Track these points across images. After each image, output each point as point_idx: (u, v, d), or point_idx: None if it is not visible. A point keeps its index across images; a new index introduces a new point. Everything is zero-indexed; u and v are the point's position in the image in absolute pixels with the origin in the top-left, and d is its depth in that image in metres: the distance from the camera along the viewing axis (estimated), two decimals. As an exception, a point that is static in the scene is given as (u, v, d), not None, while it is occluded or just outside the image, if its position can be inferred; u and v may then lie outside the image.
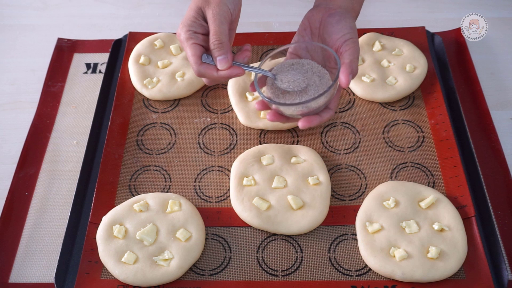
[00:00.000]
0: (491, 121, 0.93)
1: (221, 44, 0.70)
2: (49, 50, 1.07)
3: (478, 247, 0.77)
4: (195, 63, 0.71)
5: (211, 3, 0.71)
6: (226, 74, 0.72)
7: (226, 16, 0.71)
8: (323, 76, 0.77)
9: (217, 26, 0.70)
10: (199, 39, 0.72)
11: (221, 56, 0.70)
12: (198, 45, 0.71)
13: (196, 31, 0.72)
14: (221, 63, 0.71)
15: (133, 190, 0.86)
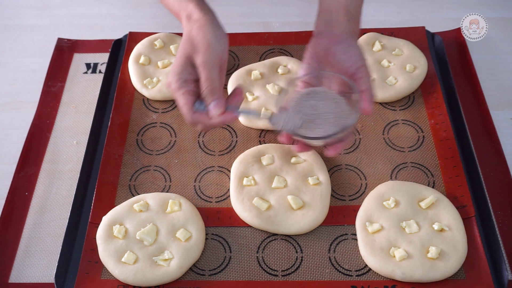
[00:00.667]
0: (491, 121, 0.93)
1: (213, 90, 0.70)
2: (49, 50, 1.07)
3: (478, 247, 0.77)
4: (188, 111, 0.71)
5: (199, 50, 0.71)
6: (219, 120, 0.72)
7: (215, 61, 0.71)
8: (339, 102, 0.77)
9: (207, 73, 0.70)
10: (190, 87, 0.71)
11: (214, 102, 0.70)
12: (189, 94, 0.71)
13: (186, 79, 0.71)
14: (214, 109, 0.70)
15: (133, 190, 0.86)
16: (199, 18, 0.74)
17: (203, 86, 0.70)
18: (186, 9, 0.76)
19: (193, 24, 0.74)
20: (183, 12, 0.76)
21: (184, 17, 0.76)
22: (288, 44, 1.05)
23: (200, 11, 0.74)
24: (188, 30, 0.74)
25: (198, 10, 0.75)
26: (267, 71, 0.98)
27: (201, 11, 0.74)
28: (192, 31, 0.73)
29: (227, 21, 1.13)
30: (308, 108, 0.77)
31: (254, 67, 0.99)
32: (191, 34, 0.73)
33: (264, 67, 0.99)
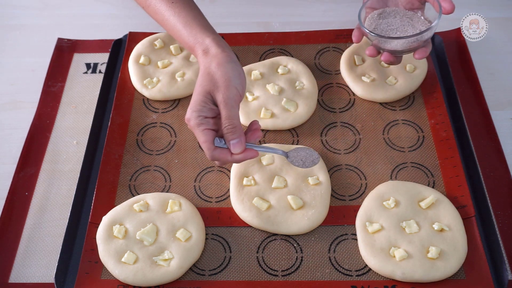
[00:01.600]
0: (491, 121, 0.93)
1: (234, 128, 0.70)
2: (49, 50, 1.07)
3: (478, 247, 0.77)
4: (209, 149, 0.71)
5: (220, 87, 0.71)
6: (240, 158, 0.72)
7: (236, 99, 0.71)
8: (412, 16, 0.84)
9: (229, 111, 0.70)
10: (210, 124, 0.71)
11: (235, 140, 0.70)
12: (210, 130, 0.71)
13: (206, 115, 0.71)
14: (235, 147, 0.70)
15: (133, 190, 0.86)
16: (217, 54, 0.74)
17: (224, 123, 0.70)
18: (203, 44, 0.76)
19: (211, 60, 0.73)
20: (199, 46, 0.76)
21: (200, 51, 0.76)
22: (288, 44, 1.05)
23: (218, 47, 0.74)
24: (207, 66, 0.73)
25: (215, 45, 0.75)
26: (267, 71, 0.98)
27: (219, 46, 0.74)
28: (211, 66, 0.73)
29: (227, 21, 1.13)
30: (384, 25, 0.84)
31: (254, 67, 0.99)
32: (210, 70, 0.72)
33: (264, 67, 0.99)
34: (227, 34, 1.06)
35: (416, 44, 0.82)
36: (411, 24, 0.84)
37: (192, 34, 0.77)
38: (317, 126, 0.93)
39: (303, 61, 1.01)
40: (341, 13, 0.93)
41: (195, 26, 0.78)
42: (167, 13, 0.80)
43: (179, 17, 0.79)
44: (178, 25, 0.79)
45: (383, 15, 0.86)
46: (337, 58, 1.02)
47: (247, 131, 0.74)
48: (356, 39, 0.86)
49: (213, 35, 0.77)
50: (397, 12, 0.86)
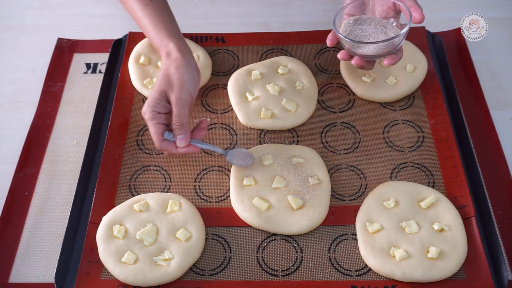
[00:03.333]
0: (491, 121, 0.93)
1: (182, 125, 0.79)
2: (49, 50, 1.07)
3: (478, 247, 0.77)
4: (157, 140, 0.80)
5: (174, 88, 0.80)
6: (184, 151, 0.81)
7: (187, 100, 0.80)
8: (386, 24, 0.87)
9: (179, 110, 0.79)
10: (161, 119, 0.81)
11: (181, 136, 0.80)
12: (160, 124, 0.80)
13: (159, 111, 0.80)
14: (181, 141, 0.80)
15: (133, 190, 0.86)
16: (178, 58, 0.83)
17: (174, 120, 0.80)
18: (167, 47, 0.85)
19: (171, 63, 0.83)
20: (164, 49, 0.85)
21: (163, 54, 0.85)
22: (288, 44, 1.05)
23: (179, 52, 0.84)
24: (167, 67, 0.83)
25: (177, 50, 0.84)
26: (267, 71, 0.98)
27: (180, 51, 0.84)
28: (170, 69, 0.82)
29: (227, 21, 1.14)
30: (358, 31, 0.87)
31: (254, 67, 0.99)
32: (168, 72, 0.82)
33: (264, 67, 0.99)
34: (227, 34, 1.06)
35: (387, 50, 0.85)
36: (384, 32, 0.87)
37: (159, 37, 0.86)
38: (317, 126, 0.93)
39: (303, 61, 1.01)
40: (341, 13, 0.94)
41: (163, 29, 0.87)
42: (140, 13, 0.89)
43: (150, 19, 0.88)
44: (148, 26, 0.88)
45: (358, 22, 0.89)
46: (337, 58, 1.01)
47: (195, 129, 0.84)
48: (330, 43, 0.90)
49: (177, 40, 0.85)
50: (372, 19, 0.89)
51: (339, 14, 0.89)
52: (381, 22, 0.88)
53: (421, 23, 0.85)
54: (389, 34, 0.86)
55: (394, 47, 0.85)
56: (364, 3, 0.91)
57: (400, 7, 0.87)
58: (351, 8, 0.90)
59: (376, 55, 0.86)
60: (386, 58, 0.86)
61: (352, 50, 0.87)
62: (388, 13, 0.89)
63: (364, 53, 0.86)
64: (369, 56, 0.86)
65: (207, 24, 1.13)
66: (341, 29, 0.88)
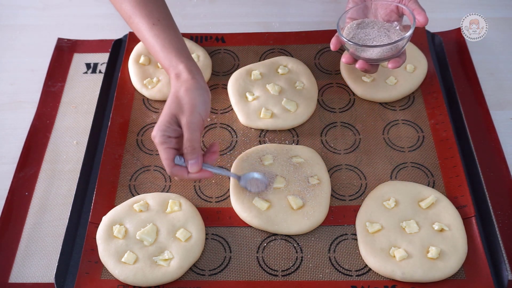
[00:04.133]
0: (491, 121, 0.93)
1: (194, 149, 0.76)
2: (49, 50, 1.07)
3: (478, 247, 0.77)
4: (168, 165, 0.77)
5: (185, 112, 0.77)
6: (196, 176, 0.78)
7: (198, 124, 0.77)
8: (389, 28, 0.87)
9: (190, 134, 0.76)
10: (172, 143, 0.77)
11: (193, 160, 0.76)
12: (171, 149, 0.77)
13: (170, 135, 0.77)
14: (192, 166, 0.76)
15: (133, 190, 0.86)
16: (188, 80, 0.79)
17: (185, 144, 0.76)
18: (176, 68, 0.81)
19: (181, 84, 0.79)
20: (173, 70, 0.81)
21: (173, 75, 0.81)
22: (288, 44, 1.05)
23: (189, 73, 0.80)
24: (177, 90, 0.79)
25: (187, 71, 0.80)
26: (267, 71, 0.98)
27: (190, 73, 0.80)
28: (180, 91, 0.78)
29: (227, 21, 1.13)
30: (361, 35, 0.87)
31: (254, 67, 0.99)
32: (178, 94, 0.78)
33: (264, 67, 0.99)
34: (227, 34, 1.06)
35: (391, 53, 0.85)
36: (388, 35, 0.86)
37: (168, 58, 0.82)
38: (317, 126, 0.93)
39: (303, 61, 1.01)
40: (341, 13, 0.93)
41: (172, 50, 0.83)
42: (148, 33, 0.84)
43: (158, 39, 0.84)
44: (156, 46, 0.84)
45: (361, 25, 0.88)
46: (337, 58, 1.02)
47: (206, 153, 0.80)
48: (334, 47, 0.90)
49: (187, 61, 0.82)
50: (375, 23, 0.88)
51: (342, 18, 0.89)
52: (384, 26, 0.88)
53: (425, 26, 0.85)
54: (393, 37, 0.86)
55: (398, 50, 0.85)
56: (366, 7, 0.90)
57: (403, 10, 0.87)
58: (354, 12, 0.90)
59: (380, 59, 0.86)
60: (390, 61, 0.86)
61: (356, 54, 0.87)
62: (391, 16, 0.89)
63: (368, 56, 0.86)
64: (373, 59, 0.86)
65: (207, 24, 1.13)
66: (345, 33, 0.88)
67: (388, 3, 0.88)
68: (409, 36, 0.84)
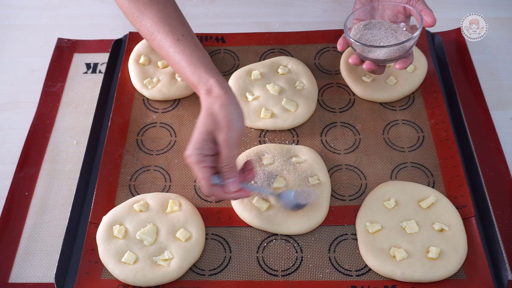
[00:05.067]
0: (491, 121, 0.93)
1: (232, 168, 0.74)
2: (49, 50, 1.07)
3: (478, 247, 0.77)
4: (206, 185, 0.74)
5: (222, 128, 0.73)
6: (234, 196, 0.75)
7: (236, 140, 0.74)
8: (396, 29, 0.87)
9: (229, 151, 0.73)
10: (209, 162, 0.74)
11: (232, 179, 0.74)
12: (208, 168, 0.74)
13: (206, 153, 0.74)
14: (232, 185, 0.74)
15: (133, 190, 0.86)
16: (221, 95, 0.76)
17: (224, 163, 0.73)
18: (206, 83, 0.78)
19: (214, 100, 0.76)
20: (203, 86, 0.78)
21: (203, 91, 0.78)
22: (288, 44, 1.05)
23: (221, 88, 0.77)
24: (210, 106, 0.75)
25: (219, 86, 0.77)
26: (267, 71, 0.98)
27: (222, 88, 0.77)
28: (214, 107, 0.75)
29: (227, 21, 1.13)
30: (368, 36, 0.87)
31: (254, 67, 0.99)
32: (213, 110, 0.75)
33: (264, 67, 0.99)
34: (227, 34, 1.06)
35: (398, 54, 0.84)
36: (395, 36, 0.86)
37: (196, 74, 0.79)
38: (317, 126, 0.93)
39: (303, 61, 1.01)
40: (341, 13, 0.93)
41: (200, 65, 0.80)
42: (172, 50, 0.82)
43: (184, 55, 0.81)
44: (182, 62, 0.81)
45: (368, 26, 0.88)
46: (337, 58, 1.02)
47: (242, 171, 0.78)
48: (341, 47, 0.90)
49: (217, 76, 0.79)
50: (382, 24, 0.88)
51: (349, 19, 0.88)
52: (391, 27, 0.87)
53: (432, 26, 0.84)
54: (400, 38, 0.86)
55: (406, 51, 0.85)
56: (373, 8, 0.90)
57: (410, 11, 0.86)
58: (361, 13, 0.90)
59: (387, 59, 0.86)
60: (398, 62, 0.85)
61: (363, 55, 0.87)
62: (398, 17, 0.88)
63: (376, 57, 0.85)
64: (380, 60, 0.86)
65: (207, 24, 1.13)
66: (351, 33, 0.88)
67: (395, 4, 0.88)
68: (416, 37, 0.83)
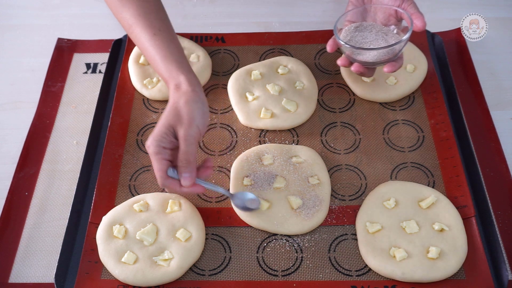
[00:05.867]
0: (491, 121, 0.93)
1: (189, 163, 0.75)
2: (49, 50, 1.07)
3: (478, 247, 0.77)
4: (161, 177, 0.75)
5: (183, 124, 0.75)
6: (188, 191, 0.77)
7: (195, 137, 0.76)
8: (387, 32, 0.87)
9: (187, 147, 0.75)
10: (167, 154, 0.76)
11: (187, 174, 0.75)
12: (165, 160, 0.75)
13: (165, 146, 0.75)
14: (186, 180, 0.75)
15: (133, 190, 0.86)
16: (187, 92, 0.78)
17: (181, 157, 0.75)
18: (177, 79, 0.80)
19: (181, 96, 0.78)
20: (173, 81, 0.80)
21: (172, 86, 0.80)
22: (288, 44, 1.05)
23: (189, 85, 0.78)
24: (176, 100, 0.77)
25: (187, 83, 0.79)
26: (267, 71, 0.98)
27: (190, 85, 0.78)
28: (179, 102, 0.77)
29: (227, 21, 1.14)
30: (359, 38, 0.87)
31: (254, 67, 0.99)
32: (178, 105, 0.77)
33: (264, 67, 0.99)
34: (227, 34, 1.06)
35: (387, 57, 0.84)
36: (385, 39, 0.86)
37: (168, 69, 0.81)
38: (317, 126, 0.93)
39: (303, 61, 1.01)
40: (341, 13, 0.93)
41: (172, 61, 0.81)
42: (148, 43, 0.83)
43: (158, 50, 0.82)
44: (157, 57, 0.82)
45: (359, 29, 0.88)
46: (337, 58, 1.01)
47: (200, 167, 0.79)
48: (330, 49, 0.90)
49: (187, 73, 0.80)
50: (373, 26, 0.88)
51: (340, 21, 0.88)
52: (382, 30, 0.87)
53: (422, 30, 0.84)
54: (390, 41, 0.85)
55: (395, 54, 0.85)
56: (365, 10, 0.90)
57: (402, 15, 0.86)
58: (353, 15, 0.90)
59: (376, 62, 0.86)
60: (386, 65, 0.85)
61: (352, 57, 0.87)
62: (390, 20, 0.88)
63: (364, 59, 0.85)
64: (369, 63, 0.86)
65: (207, 24, 1.13)
66: (342, 35, 0.88)
67: (387, 6, 0.88)
68: (406, 40, 0.83)
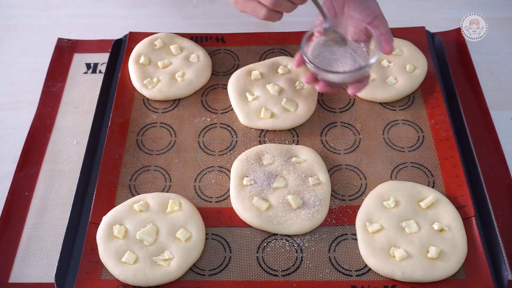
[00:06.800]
0: (491, 121, 0.93)
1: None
2: (49, 50, 1.07)
3: (478, 247, 0.77)
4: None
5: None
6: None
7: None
8: (356, 48, 0.85)
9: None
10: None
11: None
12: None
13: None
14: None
15: (133, 190, 0.86)
16: None
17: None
18: None
19: None
20: None
21: None
22: (288, 44, 1.05)
23: None
24: None
25: None
26: (267, 71, 0.98)
27: None
28: None
29: (227, 21, 1.14)
30: (327, 53, 0.85)
31: (254, 67, 0.99)
32: None
33: (264, 67, 0.99)
34: (227, 34, 1.06)
35: (353, 78, 0.83)
36: (353, 57, 0.84)
37: None
38: (317, 126, 0.93)
39: (303, 61, 1.01)
40: (341, 13, 0.94)
41: None
42: None
43: None
44: None
45: (329, 43, 0.86)
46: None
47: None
48: (297, 64, 0.88)
49: None
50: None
51: (309, 33, 0.86)
52: (352, 45, 0.85)
53: (389, 54, 0.84)
54: (358, 60, 0.83)
55: (361, 76, 0.83)
56: (337, 23, 0.86)
57: (371, 33, 0.84)
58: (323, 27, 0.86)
59: (341, 83, 0.85)
60: (351, 87, 0.84)
61: (318, 75, 0.85)
62: (360, 36, 0.86)
63: (330, 79, 0.84)
64: (335, 83, 0.85)
65: (207, 24, 1.13)
66: (310, 49, 0.86)
67: (359, 22, 0.85)
68: (372, 64, 0.81)
